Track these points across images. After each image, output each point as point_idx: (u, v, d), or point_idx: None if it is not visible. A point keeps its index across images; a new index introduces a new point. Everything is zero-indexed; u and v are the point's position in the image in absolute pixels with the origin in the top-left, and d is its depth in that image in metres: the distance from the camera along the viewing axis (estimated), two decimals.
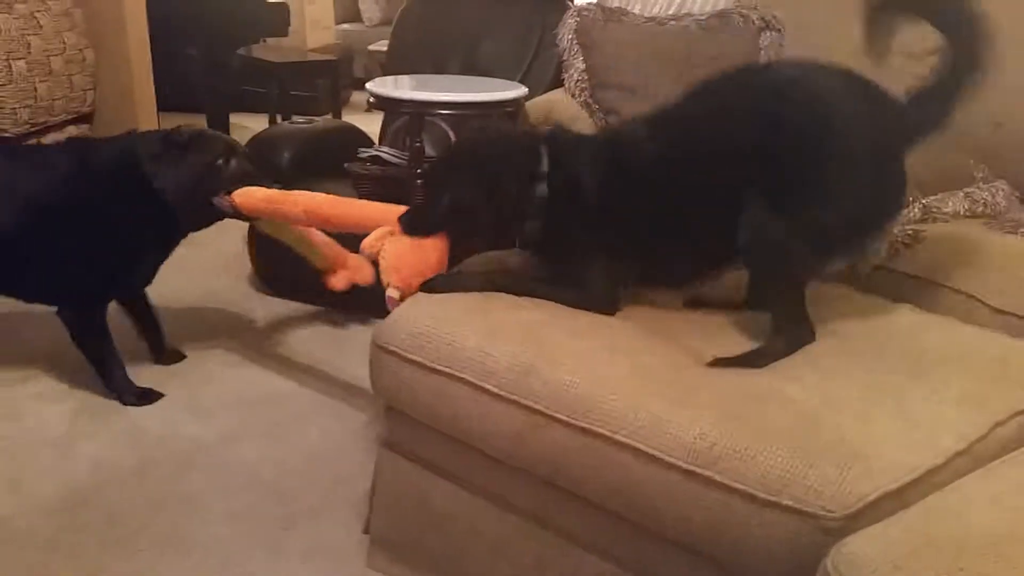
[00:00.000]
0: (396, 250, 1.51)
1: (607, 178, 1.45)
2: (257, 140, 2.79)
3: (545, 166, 1.46)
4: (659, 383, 1.21)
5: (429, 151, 2.71)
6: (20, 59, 2.63)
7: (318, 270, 2.13)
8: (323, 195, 1.88)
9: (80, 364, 2.12)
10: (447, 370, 1.33)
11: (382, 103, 2.23)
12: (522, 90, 2.30)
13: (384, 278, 1.49)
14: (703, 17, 2.31)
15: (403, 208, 1.58)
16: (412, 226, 1.52)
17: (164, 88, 3.89)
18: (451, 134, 2.71)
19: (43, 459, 1.90)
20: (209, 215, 2.03)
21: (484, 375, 1.29)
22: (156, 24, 3.56)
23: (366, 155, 2.62)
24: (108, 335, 2.09)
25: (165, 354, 2.29)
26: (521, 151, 1.50)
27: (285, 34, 4.39)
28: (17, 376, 2.23)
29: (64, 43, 2.87)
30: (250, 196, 1.92)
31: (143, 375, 2.19)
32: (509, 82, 2.46)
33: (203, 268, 2.85)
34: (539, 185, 1.45)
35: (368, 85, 2.30)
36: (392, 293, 1.47)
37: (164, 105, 4.39)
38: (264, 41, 4.48)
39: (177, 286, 2.58)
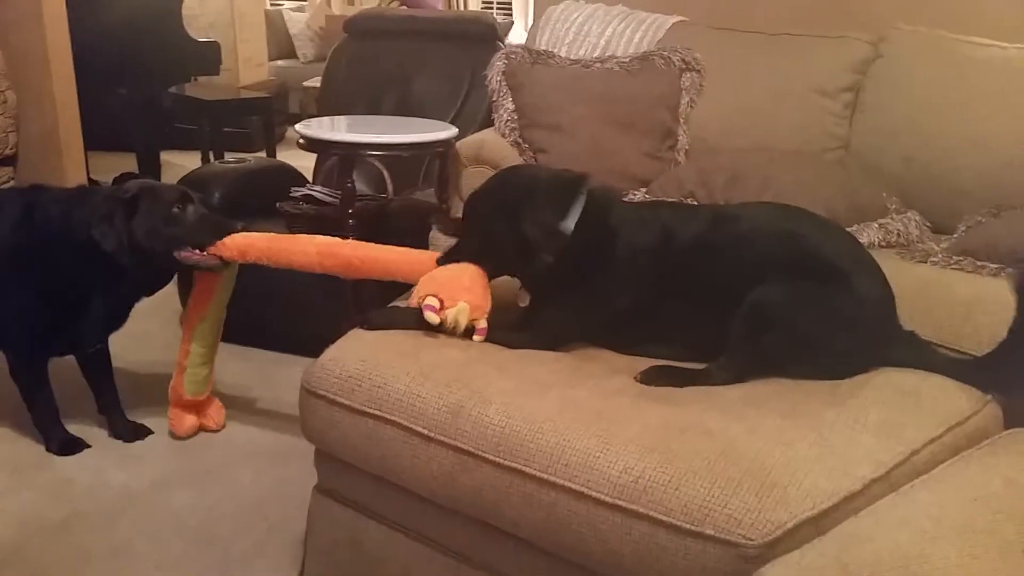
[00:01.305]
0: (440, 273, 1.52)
1: (644, 244, 1.49)
2: (187, 180, 2.75)
3: (578, 210, 1.49)
4: (587, 418, 1.23)
5: (362, 189, 2.73)
6: None
7: (175, 396, 2.10)
8: (340, 239, 1.81)
9: (16, 409, 2.07)
10: (377, 413, 1.34)
11: (312, 144, 2.23)
12: (452, 131, 2.33)
13: (422, 290, 1.47)
14: (627, 59, 2.38)
15: (435, 253, 1.60)
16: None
17: (94, 127, 3.83)
18: (385, 173, 2.72)
19: None
20: (167, 271, 1.99)
21: (413, 417, 1.30)
22: (84, 62, 3.52)
23: (299, 194, 2.60)
24: (42, 384, 2.03)
25: (119, 425, 2.16)
26: (559, 189, 1.52)
27: (216, 72, 4.36)
28: None
29: None
30: (250, 241, 1.84)
31: (77, 419, 2.14)
32: (440, 123, 2.49)
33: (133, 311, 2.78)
34: (565, 223, 1.47)
35: (297, 127, 2.30)
36: (431, 302, 1.44)
37: (95, 144, 4.32)
38: (195, 79, 4.44)
39: None
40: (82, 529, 1.81)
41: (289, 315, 2.61)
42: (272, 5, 7.55)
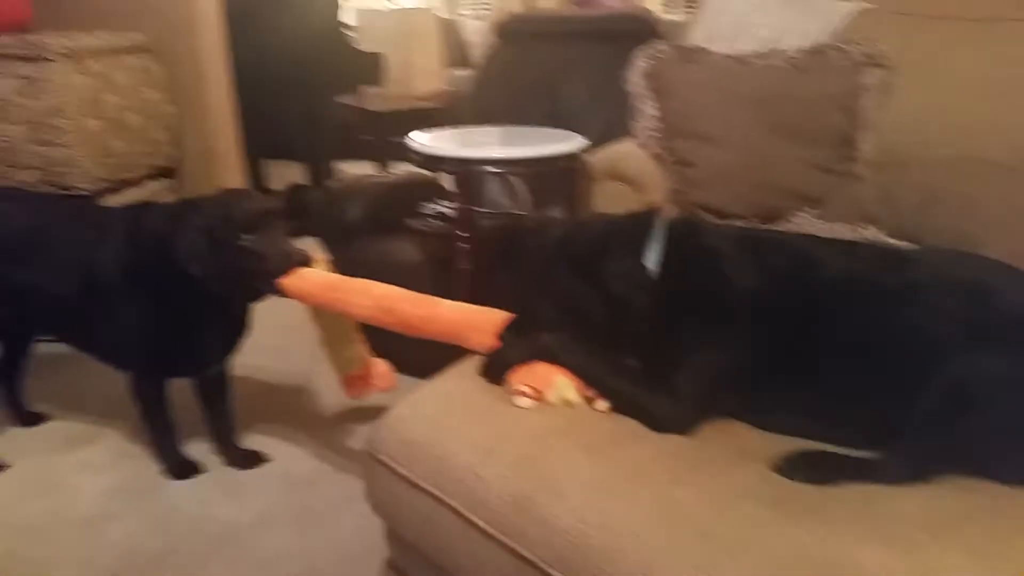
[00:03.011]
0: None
1: (763, 274, 1.21)
2: (328, 191, 2.68)
3: (658, 245, 1.25)
4: (687, 535, 0.94)
5: (503, 205, 2.53)
6: (92, 117, 2.63)
7: (339, 373, 1.93)
8: (400, 288, 1.57)
9: (136, 428, 2.05)
10: (435, 492, 1.12)
11: (425, 160, 2.05)
12: (577, 143, 2.06)
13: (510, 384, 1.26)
14: (794, 54, 2.00)
15: (502, 313, 1.37)
16: (516, 337, 1.31)
17: (265, 137, 3.93)
18: (522, 188, 2.50)
19: (70, 541, 1.81)
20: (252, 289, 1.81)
21: (473, 504, 1.07)
22: (252, 75, 3.59)
23: (431, 211, 2.44)
24: (162, 406, 1.97)
25: (233, 454, 2.07)
26: (630, 227, 1.30)
27: (379, 83, 4.34)
28: (71, 440, 2.19)
29: (141, 99, 2.88)
30: (304, 281, 1.64)
31: (194, 439, 2.10)
32: (569, 133, 2.23)
33: (271, 323, 2.74)
34: (645, 260, 1.24)
35: (409, 138, 2.12)
36: (522, 388, 1.23)
37: (269, 154, 4.46)
38: (359, 90, 4.45)
39: None
40: (173, 566, 1.73)
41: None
42: (454, 15, 7.57)
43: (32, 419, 2.25)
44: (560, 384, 1.23)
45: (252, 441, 2.15)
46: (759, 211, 1.89)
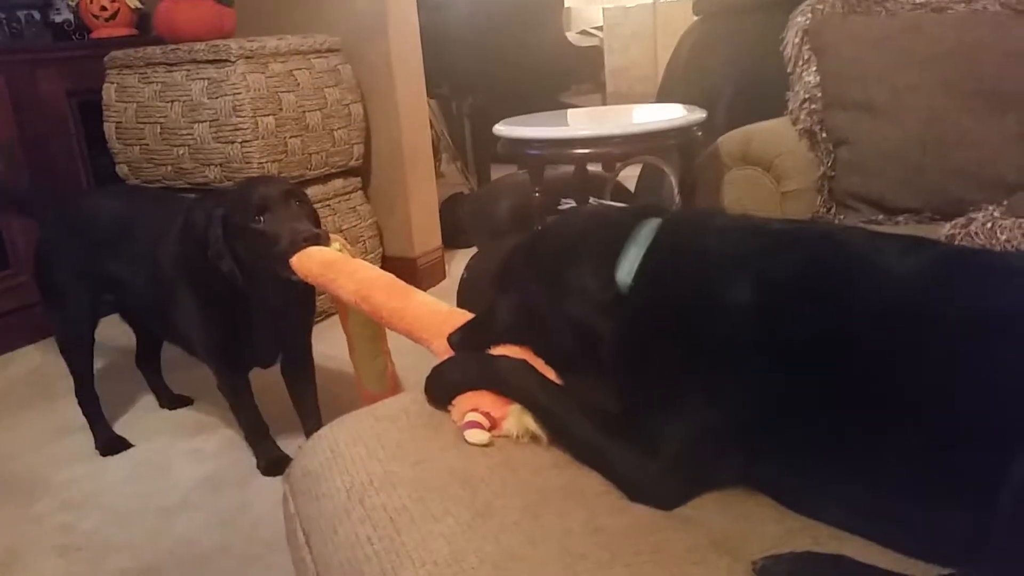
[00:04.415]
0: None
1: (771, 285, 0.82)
2: (477, 193, 2.53)
3: (638, 253, 0.91)
4: None
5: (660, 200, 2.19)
6: (268, 115, 2.70)
7: (361, 388, 1.70)
8: (388, 276, 1.38)
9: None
10: (300, 538, 0.87)
11: (510, 146, 1.78)
12: (685, 116, 1.67)
13: (459, 406, 0.99)
14: None
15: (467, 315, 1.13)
16: (463, 346, 1.05)
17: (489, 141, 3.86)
18: (672, 178, 2.13)
19: (143, 528, 1.80)
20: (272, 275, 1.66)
21: (324, 562, 0.80)
22: (467, 78, 3.55)
23: (566, 207, 2.18)
24: (243, 398, 1.92)
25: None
26: (606, 230, 0.97)
27: (596, 80, 4.11)
28: (196, 426, 2.22)
29: (325, 98, 2.92)
30: (309, 259, 1.50)
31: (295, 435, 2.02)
32: (683, 107, 1.83)
33: None
34: (617, 275, 0.92)
35: (497, 128, 1.86)
36: (473, 417, 0.95)
37: (493, 158, 4.42)
38: (572, 88, 4.25)
39: None
40: (217, 567, 1.64)
41: None
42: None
43: (174, 402, 2.33)
44: (516, 410, 0.92)
45: None
46: (935, 202, 1.39)
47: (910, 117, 1.45)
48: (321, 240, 1.52)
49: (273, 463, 1.95)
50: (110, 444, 2.11)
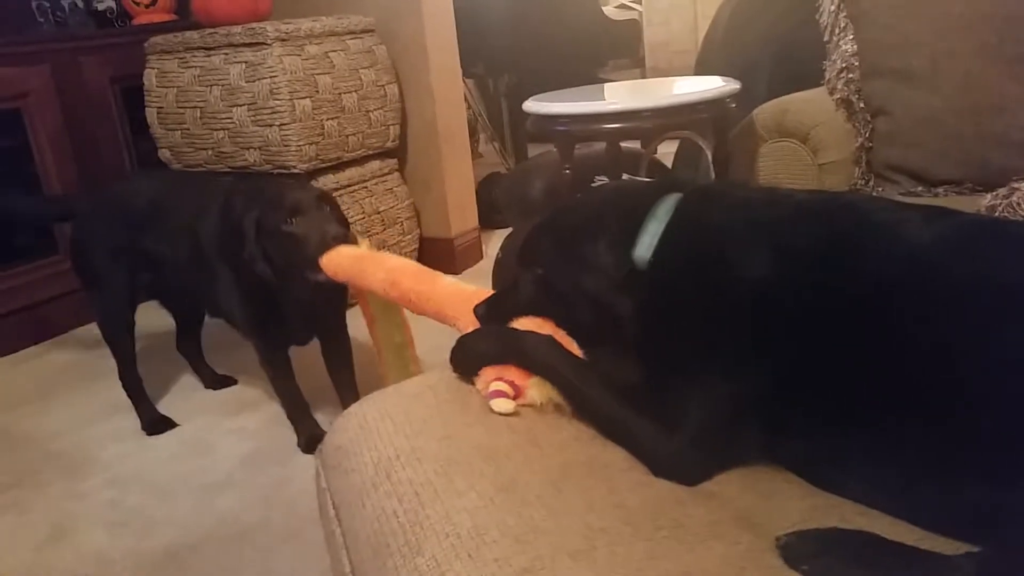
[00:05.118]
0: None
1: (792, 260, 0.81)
2: (511, 173, 2.52)
3: (657, 229, 0.91)
4: None
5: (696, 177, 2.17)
6: (305, 98, 2.72)
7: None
8: (415, 264, 1.43)
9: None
10: (330, 511, 0.89)
11: (539, 123, 1.77)
12: (718, 87, 1.64)
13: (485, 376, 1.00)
14: None
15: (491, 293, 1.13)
16: (489, 317, 1.06)
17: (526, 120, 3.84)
18: (707, 153, 2.10)
19: (185, 505, 1.85)
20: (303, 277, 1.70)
21: (352, 536, 0.82)
22: (502, 56, 3.53)
23: (600, 184, 2.16)
24: (283, 374, 1.96)
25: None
26: (627, 206, 0.96)
27: (633, 55, 4.06)
28: (240, 404, 2.27)
29: (360, 80, 2.93)
30: (339, 256, 1.55)
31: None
32: (720, 79, 1.79)
33: None
34: (636, 253, 0.91)
35: (527, 104, 1.85)
36: (498, 386, 0.95)
37: (530, 138, 4.40)
38: (610, 64, 4.20)
39: None
40: (253, 543, 1.68)
41: None
42: None
43: (218, 383, 2.38)
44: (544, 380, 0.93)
45: None
46: (975, 173, 1.35)
47: (949, 84, 1.40)
48: (349, 242, 1.58)
49: (313, 440, 1.98)
50: (155, 424, 2.17)
